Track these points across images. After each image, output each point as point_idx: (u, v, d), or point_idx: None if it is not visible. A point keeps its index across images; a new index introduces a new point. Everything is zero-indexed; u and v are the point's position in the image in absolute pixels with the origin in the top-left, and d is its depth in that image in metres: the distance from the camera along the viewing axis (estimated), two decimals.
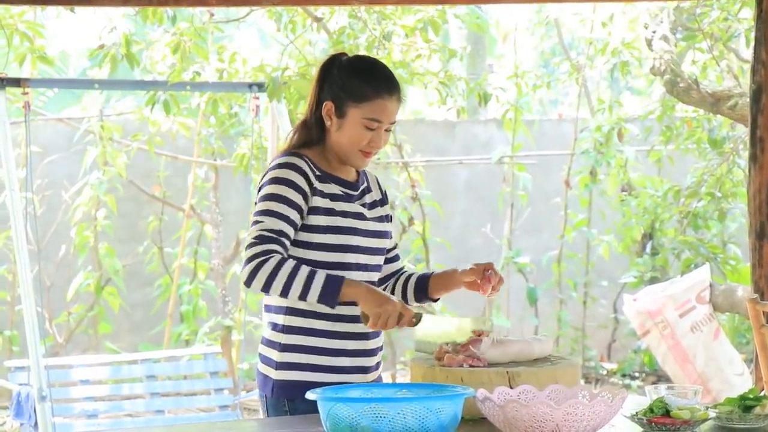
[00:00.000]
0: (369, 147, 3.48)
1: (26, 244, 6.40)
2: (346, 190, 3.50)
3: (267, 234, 3.36)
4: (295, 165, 3.43)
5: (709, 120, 7.64)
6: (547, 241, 9.87)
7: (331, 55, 3.57)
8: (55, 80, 9.87)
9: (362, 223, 3.49)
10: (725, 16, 6.69)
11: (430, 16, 7.39)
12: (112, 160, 8.67)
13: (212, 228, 8.89)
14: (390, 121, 3.47)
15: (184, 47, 7.39)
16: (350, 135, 3.46)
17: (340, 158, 3.51)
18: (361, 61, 3.59)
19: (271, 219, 3.38)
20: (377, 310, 3.33)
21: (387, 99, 3.46)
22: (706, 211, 7.69)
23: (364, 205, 3.53)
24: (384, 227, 3.57)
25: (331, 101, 3.47)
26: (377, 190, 3.65)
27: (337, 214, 3.44)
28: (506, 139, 9.64)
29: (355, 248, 3.46)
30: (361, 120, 3.44)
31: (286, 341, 3.45)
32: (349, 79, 3.46)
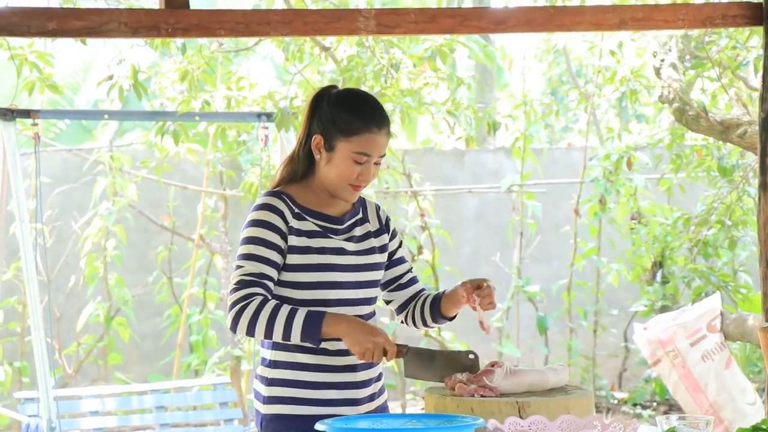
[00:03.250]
0: (358, 180, 3.47)
1: (36, 275, 6.42)
2: (327, 225, 3.48)
3: (247, 278, 3.37)
4: (272, 206, 3.43)
5: (719, 148, 7.63)
6: (557, 270, 9.85)
7: (321, 88, 3.58)
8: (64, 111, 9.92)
9: (342, 258, 3.47)
10: (734, 45, 6.69)
11: (438, 45, 7.40)
12: (121, 191, 8.68)
13: (222, 258, 8.89)
14: (379, 155, 3.47)
15: (193, 76, 7.43)
16: (339, 169, 3.45)
17: (329, 192, 3.50)
18: (351, 94, 3.57)
19: (250, 263, 3.39)
20: (359, 348, 3.33)
21: (376, 133, 3.45)
22: (716, 239, 7.66)
23: (351, 239, 3.51)
24: (373, 259, 3.54)
25: (321, 135, 3.47)
26: (375, 220, 3.62)
27: (313, 251, 3.43)
28: (515, 167, 9.64)
29: (335, 284, 3.45)
30: (350, 154, 3.44)
31: (272, 375, 3.46)
32: (339, 112, 3.46)
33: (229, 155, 8.93)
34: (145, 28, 4.44)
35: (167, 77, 8.27)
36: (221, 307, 9.02)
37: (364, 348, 3.33)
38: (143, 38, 6.08)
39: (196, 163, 9.08)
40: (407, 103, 7.39)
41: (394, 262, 3.66)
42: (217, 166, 8.94)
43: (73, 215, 9.10)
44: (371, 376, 3.53)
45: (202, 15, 4.52)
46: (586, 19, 4.81)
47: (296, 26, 4.62)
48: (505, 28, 4.85)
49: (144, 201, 9.06)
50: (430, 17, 4.74)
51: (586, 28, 4.94)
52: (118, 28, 4.42)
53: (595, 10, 4.94)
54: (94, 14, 4.48)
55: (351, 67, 7.28)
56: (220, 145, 8.47)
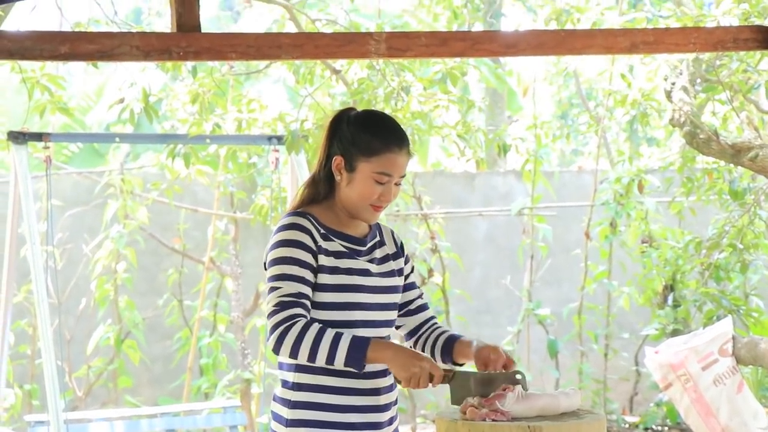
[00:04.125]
0: (379, 201, 3.47)
1: (47, 298, 6.42)
2: (352, 246, 3.49)
3: (286, 299, 3.35)
4: (300, 225, 3.42)
5: (730, 171, 7.62)
6: (568, 293, 9.83)
7: (340, 110, 3.59)
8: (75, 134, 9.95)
9: (367, 280, 3.47)
10: (744, 68, 6.69)
11: (448, 68, 7.41)
12: (132, 213, 8.69)
13: (232, 280, 8.89)
14: (400, 175, 3.47)
15: (204, 99, 7.44)
16: (360, 189, 3.45)
17: (350, 213, 3.50)
18: (370, 115, 3.59)
19: (287, 283, 3.37)
20: (406, 374, 3.32)
21: (396, 153, 3.46)
22: (727, 262, 7.64)
23: (372, 260, 3.51)
24: (393, 282, 3.55)
25: (341, 156, 3.47)
26: (391, 244, 3.63)
27: (341, 272, 3.43)
28: (526, 190, 9.63)
29: (361, 305, 3.44)
30: (371, 174, 3.45)
31: (296, 398, 3.44)
32: (359, 133, 3.46)
33: (239, 178, 8.94)
34: (157, 51, 4.45)
35: (178, 100, 8.30)
36: (231, 330, 9.00)
37: (410, 373, 3.32)
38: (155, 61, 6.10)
39: (206, 186, 9.09)
40: (418, 126, 7.40)
41: (407, 287, 3.66)
42: (228, 188, 8.95)
43: (84, 238, 9.11)
44: (391, 400, 3.53)
45: (213, 38, 4.53)
46: (597, 42, 4.81)
47: (307, 49, 4.62)
48: (515, 51, 4.85)
49: (155, 224, 9.07)
50: (441, 41, 4.75)
51: (597, 52, 4.94)
52: (129, 52, 4.43)
53: (606, 34, 4.94)
54: (106, 38, 4.49)
55: (362, 89, 7.30)
56: (231, 167, 8.48)
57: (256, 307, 8.92)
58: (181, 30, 4.44)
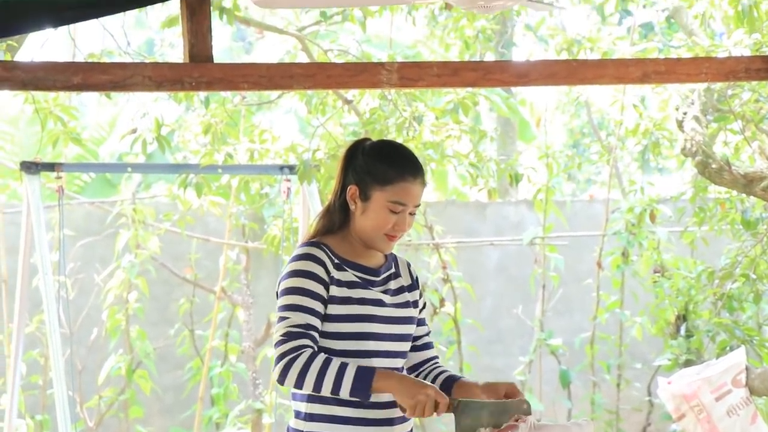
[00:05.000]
0: (393, 230, 3.48)
1: (58, 328, 6.42)
2: (366, 276, 3.49)
3: (294, 330, 3.36)
4: (313, 256, 3.43)
5: (742, 201, 7.60)
6: (580, 323, 9.80)
7: (355, 140, 3.61)
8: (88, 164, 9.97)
9: (381, 310, 3.47)
10: (756, 98, 6.69)
11: (460, 98, 7.42)
12: (144, 243, 8.70)
13: (243, 310, 8.88)
14: (414, 204, 3.49)
15: (216, 129, 7.47)
16: (375, 218, 3.47)
17: (365, 242, 3.51)
18: (385, 145, 3.63)
19: (296, 313, 3.38)
20: (411, 402, 3.31)
21: (411, 182, 3.48)
22: (740, 292, 7.61)
23: (387, 291, 3.52)
24: (408, 313, 3.55)
25: (356, 185, 3.49)
26: (407, 276, 3.64)
27: (354, 302, 3.43)
28: (537, 220, 9.62)
29: (374, 335, 3.44)
30: (385, 203, 3.46)
31: (308, 429, 3.43)
32: (374, 163, 3.48)
33: (251, 208, 8.95)
34: (169, 81, 4.47)
35: (190, 130, 8.32)
36: (242, 360, 8.99)
37: (415, 401, 3.30)
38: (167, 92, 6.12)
39: (218, 216, 9.10)
40: (430, 156, 7.40)
41: (418, 321, 3.66)
42: (240, 218, 8.95)
43: (96, 268, 9.12)
44: (406, 430, 3.52)
45: (225, 69, 4.54)
46: (608, 72, 4.81)
47: (319, 79, 4.64)
48: (527, 81, 4.86)
49: (166, 253, 9.07)
50: (453, 70, 4.75)
51: (608, 82, 4.95)
52: (142, 82, 4.44)
53: (618, 64, 4.95)
54: (119, 68, 4.51)
55: (373, 119, 7.31)
56: (243, 197, 8.49)
57: (268, 336, 8.91)
58: (194, 60, 4.45)
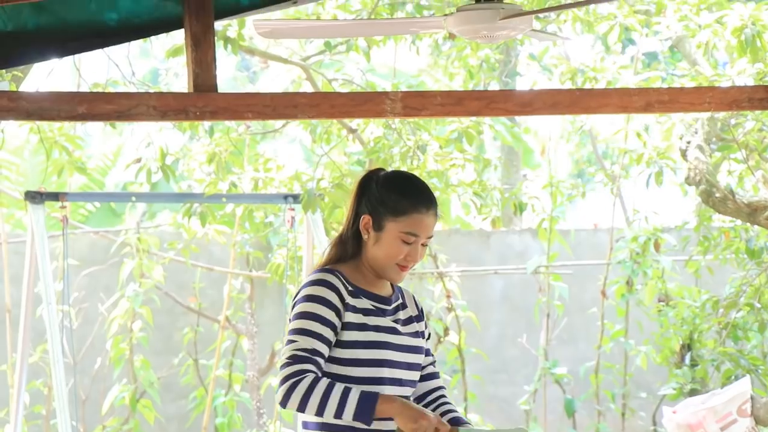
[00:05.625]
0: (405, 261, 3.50)
1: (62, 358, 6.41)
2: (379, 305, 3.51)
3: (301, 354, 3.36)
4: (327, 281, 3.44)
5: (746, 230, 7.60)
6: (584, 352, 9.78)
7: (369, 170, 3.62)
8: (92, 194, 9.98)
9: (395, 338, 3.48)
10: (760, 127, 6.70)
11: (464, 127, 7.44)
12: (148, 272, 8.70)
13: (247, 339, 8.87)
14: (427, 235, 3.51)
15: (220, 158, 7.48)
16: (387, 248, 3.48)
17: (377, 272, 3.52)
18: (399, 176, 3.64)
19: (304, 338, 3.38)
20: (413, 426, 3.32)
21: (424, 213, 3.49)
22: (745, 321, 7.60)
23: (397, 321, 3.53)
24: (418, 342, 3.57)
25: (369, 215, 3.50)
26: (413, 307, 3.65)
27: (369, 329, 3.45)
28: (541, 248, 9.62)
29: (388, 363, 3.45)
30: (398, 234, 3.47)
31: None
32: (388, 193, 3.50)
33: (255, 237, 8.95)
34: (174, 111, 4.48)
35: (195, 159, 8.34)
36: (247, 389, 8.98)
37: (417, 424, 3.33)
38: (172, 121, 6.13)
39: (222, 245, 9.10)
40: (434, 185, 7.41)
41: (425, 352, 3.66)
42: (244, 247, 8.96)
43: (100, 297, 9.11)
44: None
45: (230, 98, 4.56)
46: (612, 101, 4.82)
47: (323, 109, 4.65)
48: (531, 110, 4.87)
49: (170, 282, 9.07)
50: (457, 100, 4.77)
51: (612, 111, 4.95)
52: (147, 112, 4.46)
53: (621, 93, 4.96)
54: (124, 98, 4.52)
55: (378, 148, 7.33)
56: (247, 226, 8.49)
57: (272, 366, 8.89)
58: (198, 90, 4.47)
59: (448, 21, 4.39)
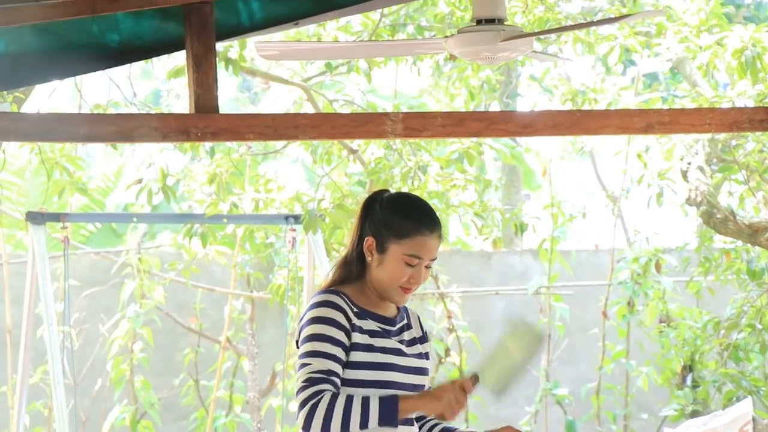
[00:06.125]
0: (409, 283, 3.50)
1: (63, 379, 6.40)
2: (384, 326, 3.51)
3: (316, 376, 3.36)
4: (333, 302, 3.45)
5: (747, 251, 7.60)
6: (586, 373, 9.76)
7: (374, 192, 3.62)
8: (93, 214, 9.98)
9: (401, 359, 3.48)
10: (760, 148, 6.71)
11: (465, 148, 7.45)
12: (149, 293, 8.70)
13: (248, 360, 8.86)
14: (430, 258, 3.51)
15: (221, 179, 7.49)
16: (391, 271, 3.48)
17: (381, 294, 3.52)
18: (403, 198, 3.64)
19: (318, 360, 3.38)
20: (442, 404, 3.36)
21: (428, 236, 3.50)
22: (747, 343, 7.59)
23: (402, 342, 3.53)
24: (423, 364, 3.57)
25: (373, 237, 3.50)
26: (417, 328, 3.65)
27: (376, 350, 3.45)
28: (542, 269, 9.61)
29: (394, 384, 3.45)
30: (401, 256, 3.47)
31: None
32: (391, 215, 3.50)
33: (256, 257, 8.95)
34: (175, 132, 4.48)
35: (196, 180, 8.34)
36: (247, 410, 8.96)
37: (445, 401, 3.37)
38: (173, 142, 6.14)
39: (223, 266, 9.10)
40: (435, 205, 7.41)
41: None
42: (245, 268, 8.95)
43: (101, 318, 9.11)
44: None
45: (231, 119, 4.56)
46: (612, 122, 4.82)
47: (324, 130, 4.65)
48: (532, 131, 4.86)
49: (171, 303, 9.07)
50: (458, 121, 4.77)
51: (612, 132, 4.96)
52: (148, 133, 4.46)
53: (622, 114, 4.96)
54: (125, 119, 4.53)
55: (378, 169, 7.34)
56: (248, 247, 8.49)
57: (273, 387, 8.88)
58: (200, 111, 4.47)
59: (449, 42, 4.39)
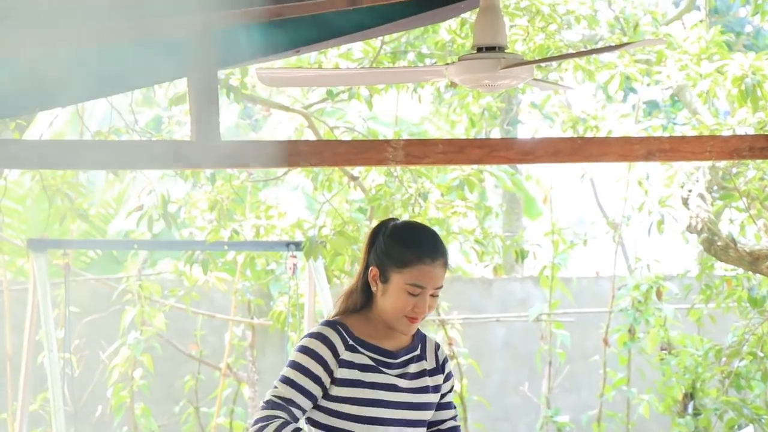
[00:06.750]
0: (414, 312, 3.47)
1: (63, 406, 6.39)
2: (382, 358, 3.48)
3: (276, 400, 3.40)
4: (324, 336, 3.45)
5: (749, 279, 7.59)
6: (587, 400, 9.74)
7: (381, 221, 3.61)
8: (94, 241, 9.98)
9: (393, 395, 3.45)
10: (761, 176, 6.72)
11: (465, 175, 7.45)
12: (149, 320, 8.69)
13: (249, 387, 8.84)
14: (434, 287, 3.46)
15: (222, 206, 7.50)
16: (394, 301, 3.46)
17: (387, 324, 3.50)
18: (406, 227, 3.59)
19: (285, 387, 3.42)
20: None
21: (429, 264, 3.46)
22: (748, 371, 7.57)
23: (404, 375, 3.50)
24: (425, 399, 3.52)
25: (376, 267, 3.49)
26: (432, 359, 3.61)
27: (364, 385, 3.43)
28: (543, 296, 9.61)
29: (382, 420, 3.43)
30: (404, 286, 3.45)
31: None
32: (392, 245, 3.48)
33: (257, 284, 8.94)
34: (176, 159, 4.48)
35: (197, 206, 8.35)
36: None
37: None
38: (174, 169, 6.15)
39: (224, 292, 9.09)
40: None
41: (441, 405, 3.61)
42: (246, 294, 8.95)
43: (101, 344, 9.09)
44: None
45: (232, 146, 4.57)
46: (613, 150, 4.82)
47: (326, 156, 4.65)
48: (532, 158, 4.86)
49: (172, 330, 9.05)
50: (458, 148, 4.77)
51: (613, 159, 4.95)
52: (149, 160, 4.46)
53: (623, 141, 4.96)
54: (127, 146, 4.54)
55: (379, 196, 7.34)
56: (249, 273, 8.48)
57: None
58: (201, 138, 4.47)
59: (450, 70, 4.40)
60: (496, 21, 4.31)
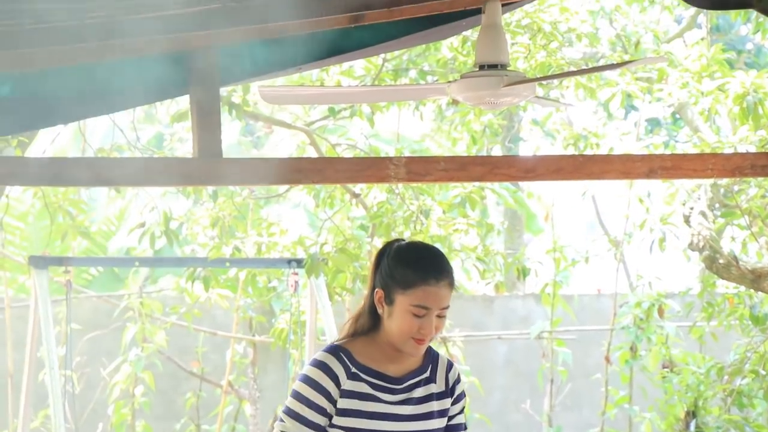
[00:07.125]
0: (420, 334, 3.43)
1: (64, 423, 6.38)
2: (385, 384, 3.46)
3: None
4: (327, 366, 3.43)
5: (751, 296, 7.58)
6: (588, 418, 9.72)
7: (387, 242, 3.58)
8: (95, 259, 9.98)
9: (394, 425, 3.43)
10: (763, 194, 6.71)
11: (467, 192, 7.45)
12: (151, 337, 8.68)
13: (250, 404, 8.83)
14: (440, 307, 3.42)
15: (224, 222, 7.50)
16: (399, 322, 3.42)
17: (395, 346, 3.47)
18: (410, 248, 3.55)
19: (292, 422, 3.42)
20: None
21: (433, 285, 3.42)
22: (750, 389, 7.56)
23: (408, 401, 3.47)
24: (429, 425, 3.49)
25: (381, 289, 3.45)
26: (442, 381, 3.58)
27: (363, 415, 3.41)
28: (545, 313, 9.60)
29: None
30: (408, 307, 3.41)
31: None
32: (396, 266, 3.45)
33: (258, 301, 8.94)
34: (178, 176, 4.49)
35: (198, 223, 8.35)
36: None
37: None
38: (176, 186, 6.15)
39: (225, 309, 9.09)
40: None
41: (450, 428, 3.59)
42: (247, 311, 8.94)
43: (102, 361, 9.08)
44: None
45: (234, 164, 4.57)
46: (614, 167, 4.82)
47: (327, 174, 4.65)
48: (534, 176, 4.86)
49: (173, 347, 9.05)
50: (460, 165, 4.77)
51: (615, 177, 4.95)
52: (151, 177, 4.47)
53: (624, 159, 4.96)
54: (128, 163, 4.54)
55: (381, 213, 7.33)
56: (250, 290, 8.48)
57: None
58: (203, 155, 4.47)
59: (452, 87, 4.40)
60: (498, 39, 4.31)
